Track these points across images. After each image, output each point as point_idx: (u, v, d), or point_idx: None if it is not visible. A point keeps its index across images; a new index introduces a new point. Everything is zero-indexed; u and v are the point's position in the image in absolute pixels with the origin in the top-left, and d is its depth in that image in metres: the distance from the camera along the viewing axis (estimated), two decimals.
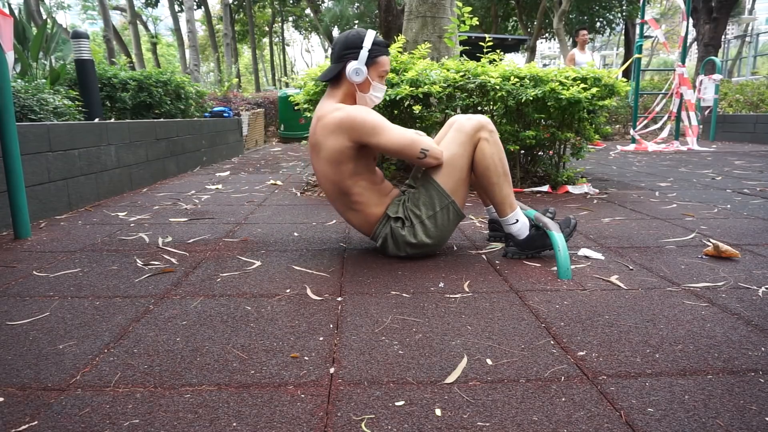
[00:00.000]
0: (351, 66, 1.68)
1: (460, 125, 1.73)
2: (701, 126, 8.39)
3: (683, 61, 6.68)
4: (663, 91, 7.55)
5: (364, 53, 1.67)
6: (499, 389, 0.96)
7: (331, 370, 1.03)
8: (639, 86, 7.15)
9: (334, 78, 1.74)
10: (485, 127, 1.72)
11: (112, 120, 3.85)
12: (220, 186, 3.68)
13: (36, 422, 0.86)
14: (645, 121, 7.26)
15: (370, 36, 1.69)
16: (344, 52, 1.70)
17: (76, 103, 3.48)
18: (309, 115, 3.21)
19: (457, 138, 1.73)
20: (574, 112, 3.08)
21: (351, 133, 1.63)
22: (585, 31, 7.34)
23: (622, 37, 20.97)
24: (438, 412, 0.89)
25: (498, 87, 2.99)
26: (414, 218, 1.75)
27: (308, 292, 1.49)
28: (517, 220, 1.78)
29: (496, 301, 1.40)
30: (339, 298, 1.43)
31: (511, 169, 3.32)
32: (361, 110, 1.64)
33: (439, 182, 1.73)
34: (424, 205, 1.74)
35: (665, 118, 7.28)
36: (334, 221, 2.46)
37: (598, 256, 1.83)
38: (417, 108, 3.08)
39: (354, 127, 1.63)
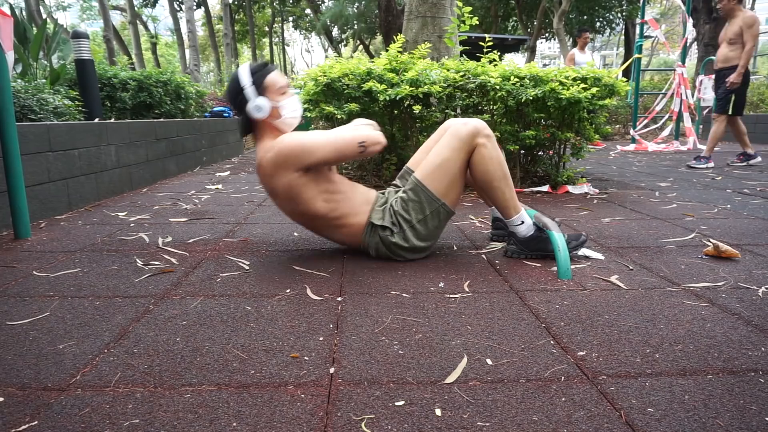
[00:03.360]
0: (249, 107, 1.67)
1: (456, 130, 1.71)
2: (701, 126, 8.38)
3: (683, 61, 6.68)
4: (663, 91, 7.55)
5: (249, 90, 1.67)
6: (499, 389, 0.96)
7: (331, 370, 1.03)
8: (639, 86, 7.15)
9: (248, 126, 1.75)
10: (482, 132, 1.70)
11: (112, 120, 3.85)
12: (220, 186, 3.68)
13: (36, 422, 0.86)
14: (645, 121, 7.26)
15: (244, 70, 1.70)
16: (237, 101, 1.70)
17: (76, 103, 3.48)
18: (309, 115, 3.21)
19: (452, 143, 1.70)
20: (574, 112, 3.08)
21: (290, 165, 1.63)
22: (588, 33, 7.33)
23: (622, 37, 20.96)
24: (438, 412, 0.89)
25: (498, 87, 2.99)
26: (404, 222, 1.74)
27: (308, 292, 1.49)
28: (523, 222, 1.78)
29: (496, 301, 1.40)
30: (339, 298, 1.43)
31: (511, 169, 3.32)
32: (287, 139, 1.63)
33: (429, 187, 1.72)
34: (414, 209, 1.73)
35: (665, 117, 7.28)
36: None
37: (598, 256, 1.83)
38: (417, 108, 3.08)
39: (289, 158, 1.62)
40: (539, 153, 3.57)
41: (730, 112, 4.62)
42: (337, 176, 1.78)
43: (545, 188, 3.27)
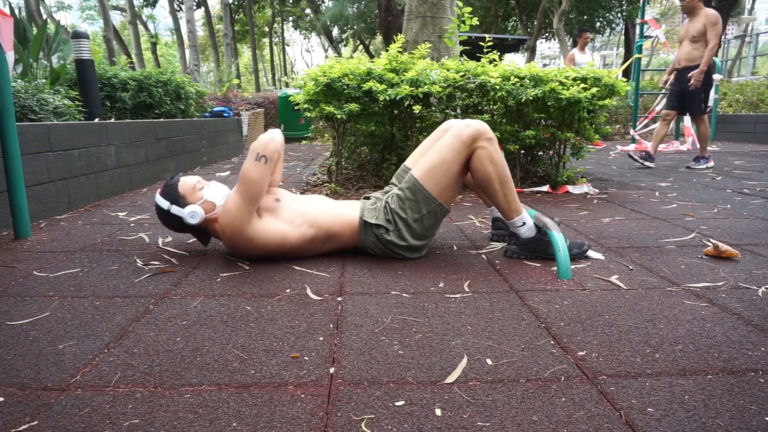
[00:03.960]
0: (186, 221, 1.74)
1: (458, 131, 1.70)
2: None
3: None
4: (663, 91, 7.55)
5: (174, 209, 1.74)
6: (499, 389, 0.96)
7: (331, 370, 1.03)
8: (639, 86, 7.14)
9: (203, 234, 1.83)
10: (484, 134, 1.69)
11: (112, 120, 3.85)
12: None
13: (36, 422, 0.86)
14: (645, 121, 7.26)
15: (158, 197, 1.78)
16: (175, 223, 1.78)
17: (76, 103, 3.48)
18: (309, 115, 3.21)
19: (453, 144, 1.69)
20: (574, 112, 3.08)
21: (239, 229, 1.66)
22: (588, 33, 7.32)
23: (622, 37, 20.96)
24: (438, 412, 0.89)
25: (498, 87, 2.99)
26: (400, 221, 1.74)
27: (308, 292, 1.49)
28: (524, 223, 1.78)
29: (496, 301, 1.40)
30: (339, 298, 1.43)
31: (511, 169, 3.31)
32: (222, 218, 1.68)
33: (427, 187, 1.71)
34: (410, 208, 1.73)
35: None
36: None
37: (598, 256, 1.83)
38: (417, 108, 3.08)
39: (234, 227, 1.66)
40: (539, 153, 3.57)
41: (706, 111, 4.58)
42: (292, 202, 1.77)
43: (545, 188, 3.27)
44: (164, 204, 1.76)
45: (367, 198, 1.88)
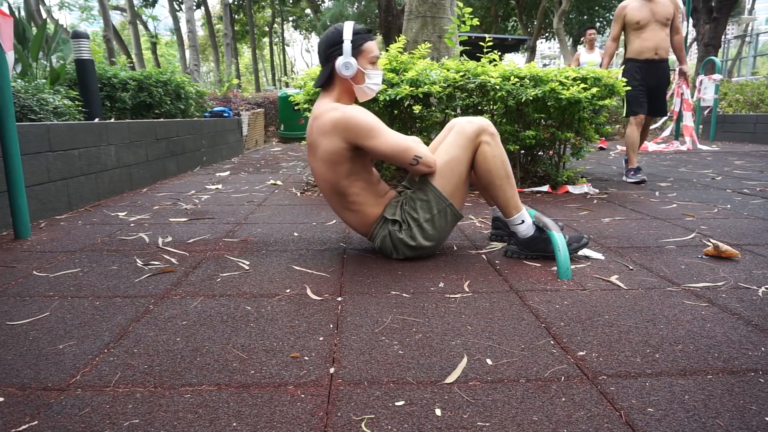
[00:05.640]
0: (339, 61, 1.66)
1: (461, 128, 1.73)
2: (701, 126, 8.38)
3: None
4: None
5: (347, 45, 1.65)
6: (499, 389, 0.96)
7: (331, 370, 1.03)
8: None
9: (328, 80, 1.73)
10: (486, 130, 1.71)
11: (112, 120, 3.85)
12: (220, 186, 3.68)
13: (36, 422, 0.86)
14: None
15: (349, 27, 1.67)
16: (329, 51, 1.68)
17: (76, 103, 3.48)
18: (309, 115, 3.21)
19: (458, 141, 1.72)
20: (574, 112, 3.08)
21: (346, 134, 1.62)
22: (593, 30, 7.07)
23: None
24: (438, 412, 0.89)
25: (498, 87, 2.99)
26: (411, 221, 1.74)
27: (308, 292, 1.49)
28: (523, 221, 1.78)
29: (496, 301, 1.40)
30: (339, 298, 1.43)
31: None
32: (358, 111, 1.62)
33: (437, 186, 1.72)
34: (422, 208, 1.74)
35: (665, 117, 7.27)
36: (334, 221, 2.46)
37: (598, 256, 1.83)
38: (417, 108, 3.08)
39: (349, 128, 1.62)
40: (539, 153, 3.56)
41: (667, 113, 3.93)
42: (373, 168, 1.80)
43: (545, 188, 3.27)
44: (348, 35, 1.65)
45: (399, 192, 1.89)
